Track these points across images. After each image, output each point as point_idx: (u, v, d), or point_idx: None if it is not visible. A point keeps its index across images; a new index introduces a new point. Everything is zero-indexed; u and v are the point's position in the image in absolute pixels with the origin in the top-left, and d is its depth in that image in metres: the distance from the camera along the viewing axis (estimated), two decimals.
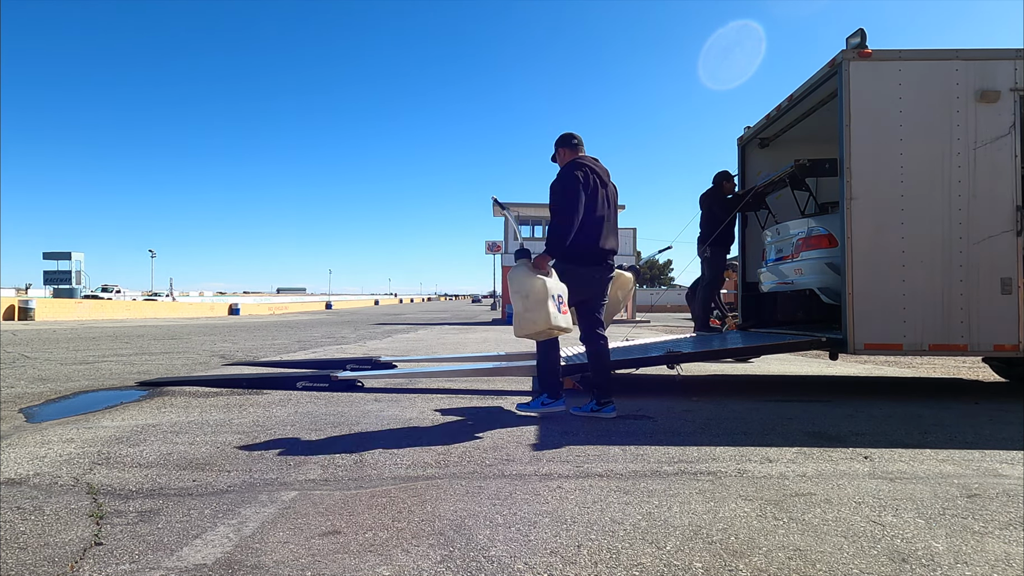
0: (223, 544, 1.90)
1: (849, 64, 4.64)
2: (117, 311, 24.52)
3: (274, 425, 3.69)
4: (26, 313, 20.24)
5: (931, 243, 4.60)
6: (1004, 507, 2.26)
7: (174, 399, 4.60)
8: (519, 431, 3.53)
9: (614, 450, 3.09)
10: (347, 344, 10.55)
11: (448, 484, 2.53)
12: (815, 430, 3.59)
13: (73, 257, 42.80)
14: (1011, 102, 4.54)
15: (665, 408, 4.27)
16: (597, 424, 3.72)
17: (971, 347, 4.59)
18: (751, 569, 1.74)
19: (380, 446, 3.16)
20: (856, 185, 4.64)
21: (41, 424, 3.72)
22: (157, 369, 6.56)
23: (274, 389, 5.07)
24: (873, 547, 1.89)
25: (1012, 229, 4.54)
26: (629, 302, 25.41)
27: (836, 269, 5.17)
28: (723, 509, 2.23)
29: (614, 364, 5.09)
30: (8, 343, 10.06)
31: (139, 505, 2.26)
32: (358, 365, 6.30)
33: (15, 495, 2.36)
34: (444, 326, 17.63)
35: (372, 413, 4.10)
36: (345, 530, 2.03)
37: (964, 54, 4.60)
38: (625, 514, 2.17)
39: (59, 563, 1.76)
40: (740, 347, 5.24)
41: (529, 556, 1.83)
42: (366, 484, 2.53)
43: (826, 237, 5.28)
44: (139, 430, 3.53)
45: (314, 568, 1.74)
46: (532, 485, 2.51)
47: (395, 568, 1.75)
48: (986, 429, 3.66)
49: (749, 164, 7.29)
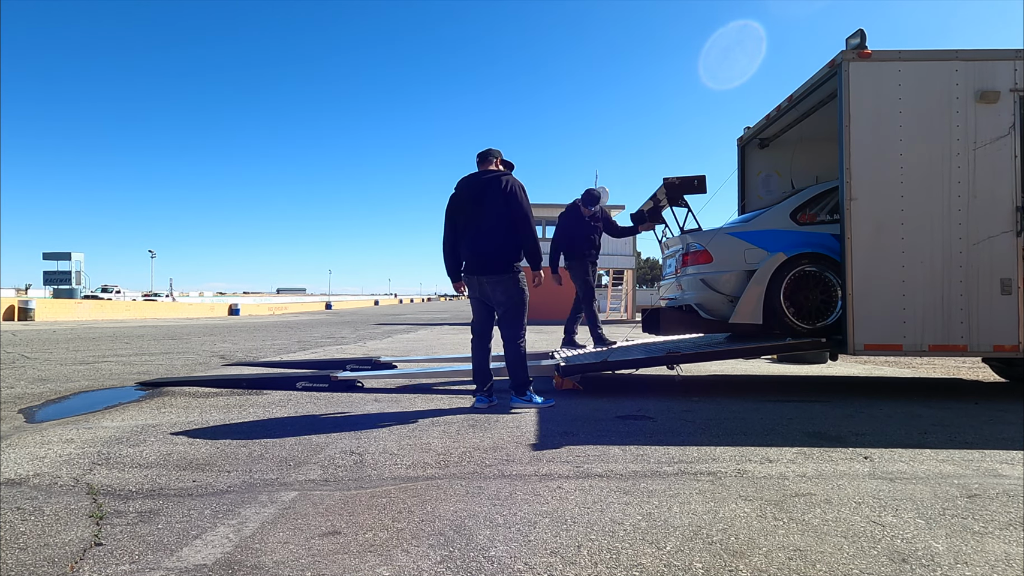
0: (223, 544, 1.90)
1: (849, 65, 4.64)
2: (117, 311, 24.52)
3: (274, 425, 3.69)
4: (26, 313, 20.23)
5: (931, 244, 4.60)
6: (1004, 507, 2.25)
7: (174, 399, 4.60)
8: (519, 431, 3.53)
9: (614, 450, 3.09)
10: (347, 344, 10.55)
11: (448, 484, 2.53)
12: (815, 430, 3.59)
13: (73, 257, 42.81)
14: (1011, 103, 4.54)
15: (665, 408, 4.28)
16: (597, 425, 3.73)
17: (971, 347, 4.59)
18: (751, 569, 1.74)
19: (380, 446, 3.16)
20: (856, 186, 4.64)
21: (41, 424, 3.72)
22: (157, 369, 6.56)
23: (274, 389, 5.07)
24: (873, 547, 1.89)
25: (1012, 230, 4.54)
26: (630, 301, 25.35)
27: (710, 285, 5.23)
28: (723, 509, 2.23)
29: (615, 364, 5.10)
30: (8, 343, 10.06)
31: (139, 505, 2.26)
32: (358, 365, 6.30)
33: (15, 495, 2.36)
34: (444, 326, 17.63)
35: (372, 413, 4.10)
36: (345, 530, 2.03)
37: (964, 55, 4.60)
38: (625, 514, 2.17)
39: (59, 563, 1.76)
40: (740, 347, 5.23)
41: (529, 556, 1.83)
42: (366, 484, 2.53)
43: (702, 253, 5.29)
44: (139, 430, 3.53)
45: (314, 568, 1.74)
46: (532, 485, 2.51)
47: (395, 568, 1.75)
48: (986, 429, 3.66)
49: (749, 164, 7.29)
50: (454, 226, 4.42)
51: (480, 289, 4.36)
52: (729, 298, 5.15)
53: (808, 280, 5.01)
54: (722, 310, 5.27)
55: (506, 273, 4.26)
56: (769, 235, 5.13)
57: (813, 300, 5.01)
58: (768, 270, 4.95)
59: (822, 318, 4.98)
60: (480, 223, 4.28)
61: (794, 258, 4.98)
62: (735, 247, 5.18)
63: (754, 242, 5.14)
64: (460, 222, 4.37)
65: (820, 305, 5.00)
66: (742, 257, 5.13)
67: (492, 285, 4.28)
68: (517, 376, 4.37)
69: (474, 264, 4.33)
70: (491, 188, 4.27)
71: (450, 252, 4.48)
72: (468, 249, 4.36)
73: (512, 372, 4.39)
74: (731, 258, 5.18)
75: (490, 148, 4.48)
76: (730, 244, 5.22)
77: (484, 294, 4.37)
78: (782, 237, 5.08)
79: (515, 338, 4.34)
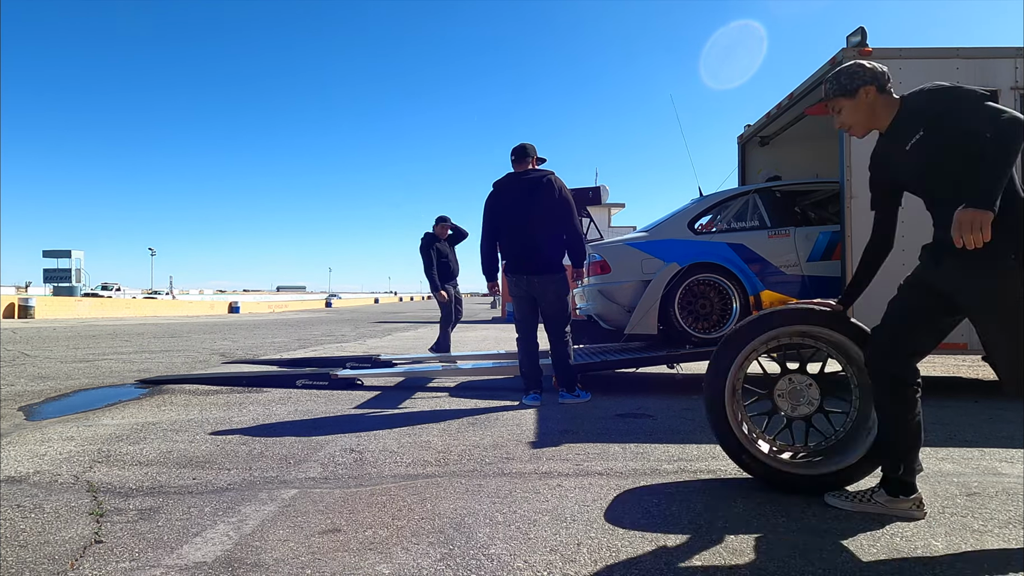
0: (223, 542, 1.90)
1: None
2: (117, 309, 24.50)
3: (274, 423, 3.69)
4: (26, 311, 20.22)
5: None
6: (1003, 506, 2.26)
7: (174, 397, 4.61)
8: (519, 429, 3.53)
9: (614, 448, 3.09)
10: (347, 342, 10.55)
11: (448, 482, 2.53)
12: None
13: (73, 255, 42.76)
14: (1011, 101, 4.53)
15: (665, 406, 4.28)
16: (597, 423, 3.73)
17: (971, 346, 4.58)
18: (751, 567, 1.74)
19: (380, 444, 3.17)
20: (856, 184, 4.63)
21: (41, 422, 3.73)
22: (157, 367, 6.57)
23: (274, 387, 5.07)
24: (873, 545, 1.89)
25: None
26: None
27: (608, 296, 5.26)
28: (723, 507, 2.23)
29: (616, 364, 5.10)
30: (8, 341, 10.06)
31: (139, 503, 2.26)
32: (358, 363, 6.30)
33: (15, 493, 2.36)
34: None
35: (372, 411, 4.11)
36: (345, 528, 2.03)
37: (964, 52, 4.59)
38: (625, 512, 2.18)
39: (59, 561, 1.76)
40: None
41: (529, 554, 1.83)
42: (366, 482, 2.54)
43: (600, 264, 5.30)
44: (139, 428, 3.53)
45: (314, 566, 1.74)
46: (532, 483, 2.52)
47: (395, 566, 1.75)
48: (985, 428, 3.66)
49: (749, 162, 7.29)
50: (495, 227, 4.46)
51: (528, 288, 4.39)
52: (627, 308, 5.15)
53: (704, 289, 5.04)
54: (620, 320, 5.27)
55: (557, 272, 4.34)
56: (665, 245, 5.12)
57: (708, 309, 5.04)
58: (662, 281, 4.93)
59: (717, 327, 5.01)
60: (529, 223, 4.31)
61: (689, 268, 4.99)
62: (633, 258, 5.19)
63: (651, 252, 5.15)
64: (503, 222, 4.40)
65: (715, 314, 5.03)
66: (639, 267, 5.14)
67: (543, 284, 4.33)
68: (568, 372, 4.45)
69: (522, 264, 4.36)
70: (540, 188, 4.31)
71: (490, 253, 4.54)
72: (515, 249, 4.39)
73: (562, 368, 4.45)
74: (629, 269, 5.18)
75: (524, 144, 4.50)
76: (628, 255, 5.22)
77: (532, 293, 4.40)
78: (677, 247, 5.06)
79: (563, 336, 4.40)
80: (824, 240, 4.99)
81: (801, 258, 4.99)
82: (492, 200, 4.48)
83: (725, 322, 5.00)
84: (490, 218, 4.48)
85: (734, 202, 5.37)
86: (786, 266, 5.00)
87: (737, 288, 4.95)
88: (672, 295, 4.98)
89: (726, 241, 5.09)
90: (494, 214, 4.46)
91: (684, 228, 5.23)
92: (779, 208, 5.26)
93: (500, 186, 4.47)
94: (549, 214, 4.30)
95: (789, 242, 5.02)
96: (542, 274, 4.32)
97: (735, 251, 5.01)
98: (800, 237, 5.03)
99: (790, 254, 5.01)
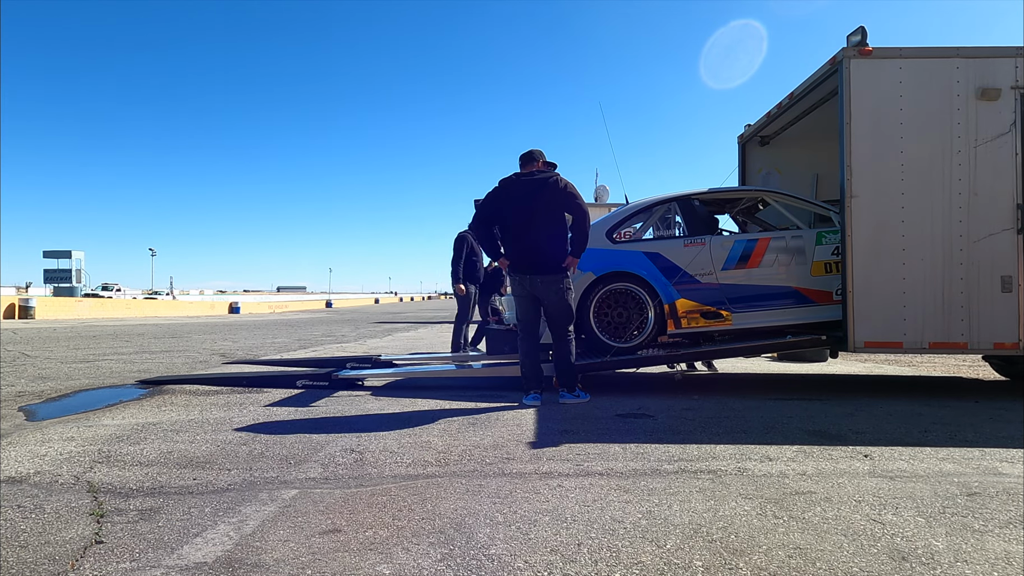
0: (223, 542, 1.90)
1: (850, 62, 4.63)
2: (117, 310, 24.52)
3: (274, 424, 3.69)
4: (26, 311, 20.23)
5: (931, 241, 4.59)
6: (1004, 505, 2.26)
7: (174, 397, 4.61)
8: (519, 429, 3.53)
9: (614, 448, 3.09)
10: (347, 343, 10.55)
11: (448, 483, 2.53)
12: (815, 428, 3.59)
13: (73, 255, 42.77)
14: (1012, 100, 4.53)
15: (665, 406, 4.28)
16: (597, 423, 3.73)
17: (971, 345, 4.59)
18: (751, 567, 1.74)
19: (380, 444, 3.16)
20: (856, 183, 4.63)
21: (42, 422, 3.73)
22: (157, 367, 6.57)
23: (274, 388, 5.07)
24: (873, 545, 1.89)
25: (1013, 227, 4.53)
26: None
27: None
28: (723, 507, 2.23)
29: (616, 363, 5.10)
30: (8, 341, 10.07)
31: (140, 503, 2.26)
32: (358, 364, 6.30)
33: (16, 493, 2.36)
34: (445, 324, 17.62)
35: (372, 412, 4.11)
36: (345, 528, 2.03)
37: (965, 52, 4.59)
38: (625, 512, 2.18)
39: (60, 561, 1.76)
40: (740, 347, 5.23)
41: (529, 554, 1.83)
42: (366, 483, 2.54)
43: None
44: (140, 428, 3.53)
45: (314, 566, 1.74)
46: (532, 483, 2.52)
47: (395, 566, 1.75)
48: (986, 427, 3.66)
49: (750, 162, 7.29)
50: (491, 215, 4.43)
51: (531, 288, 4.38)
52: None
53: (619, 299, 5.05)
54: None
55: (561, 272, 4.33)
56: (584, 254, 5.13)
57: (624, 319, 5.05)
58: (577, 290, 4.90)
59: (635, 335, 5.02)
60: (534, 223, 4.31)
61: (604, 277, 4.99)
62: None
63: None
64: (508, 221, 4.39)
65: (633, 324, 5.04)
66: None
67: (547, 284, 4.32)
68: (569, 372, 4.44)
69: (527, 263, 4.36)
70: (547, 188, 4.31)
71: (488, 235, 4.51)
72: (519, 248, 4.38)
73: (563, 368, 4.45)
74: None
75: (532, 149, 4.52)
76: None
77: (535, 293, 4.39)
78: (593, 256, 4.99)
79: (566, 335, 4.40)
80: (739, 248, 5.03)
81: (716, 266, 5.01)
82: (496, 192, 4.47)
83: (641, 331, 5.02)
84: (490, 205, 4.45)
85: (654, 210, 5.41)
86: (701, 274, 5.01)
87: (652, 297, 4.97)
88: (588, 304, 4.99)
89: (642, 250, 5.10)
90: (495, 205, 4.43)
91: (602, 237, 5.18)
92: (697, 217, 5.29)
93: (506, 183, 4.46)
94: (554, 213, 4.29)
95: (705, 250, 5.03)
96: (545, 274, 4.31)
97: (651, 260, 5.02)
98: (716, 245, 5.05)
99: (705, 263, 5.02)
